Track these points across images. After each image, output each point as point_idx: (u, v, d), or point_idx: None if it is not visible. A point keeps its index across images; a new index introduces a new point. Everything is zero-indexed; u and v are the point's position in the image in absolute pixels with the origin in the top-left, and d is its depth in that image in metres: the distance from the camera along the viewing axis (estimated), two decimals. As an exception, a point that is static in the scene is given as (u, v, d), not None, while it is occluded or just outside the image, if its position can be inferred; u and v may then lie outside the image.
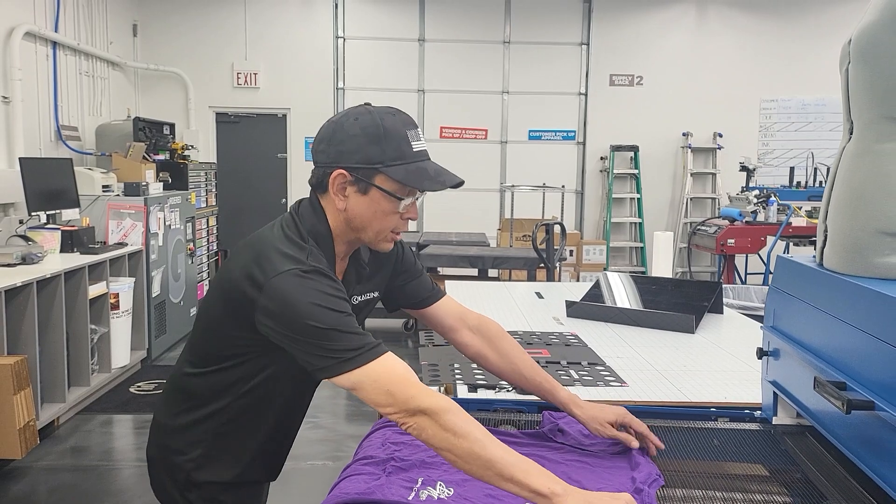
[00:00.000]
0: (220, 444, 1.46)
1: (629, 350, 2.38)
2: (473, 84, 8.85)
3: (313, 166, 1.37)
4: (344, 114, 1.34)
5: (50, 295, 3.99)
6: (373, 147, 1.29)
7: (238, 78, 8.75)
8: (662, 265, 3.38)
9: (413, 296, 1.62)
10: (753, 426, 1.65)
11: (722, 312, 2.97)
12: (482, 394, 1.88)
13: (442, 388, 1.98)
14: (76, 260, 4.34)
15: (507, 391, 1.89)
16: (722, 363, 2.24)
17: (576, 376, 2.04)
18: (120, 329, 4.78)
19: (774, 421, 1.62)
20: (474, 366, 2.12)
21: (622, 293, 2.97)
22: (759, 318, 3.49)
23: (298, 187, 9.01)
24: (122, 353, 4.84)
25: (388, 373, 1.21)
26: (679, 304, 2.82)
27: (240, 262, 1.31)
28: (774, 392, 1.62)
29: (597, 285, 3.07)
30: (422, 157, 1.33)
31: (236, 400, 1.42)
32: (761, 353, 1.65)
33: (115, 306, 4.73)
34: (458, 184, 1.34)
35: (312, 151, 1.37)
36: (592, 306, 2.86)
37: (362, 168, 1.30)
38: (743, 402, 1.85)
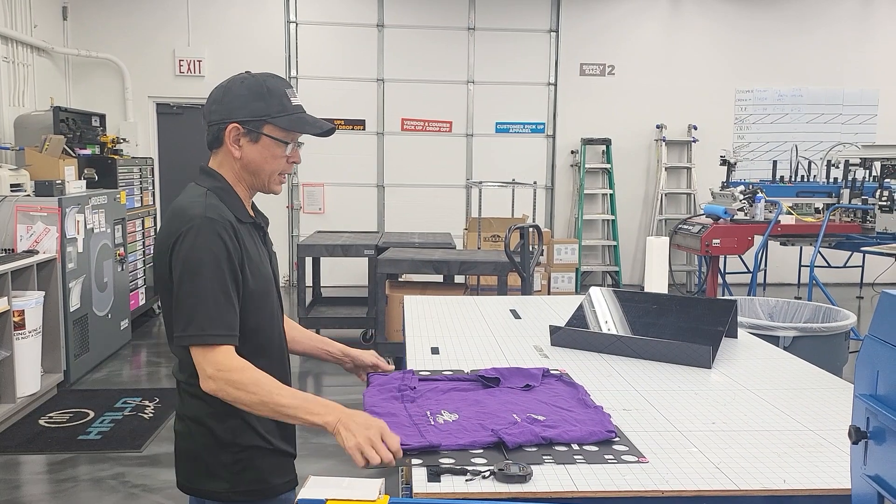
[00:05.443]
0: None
1: (636, 397, 1.85)
2: (437, 73, 8.28)
3: (208, 127, 1.57)
4: (230, 79, 1.57)
5: (-71, 317, 3.34)
6: (258, 103, 1.53)
7: (180, 65, 8.04)
8: (657, 277, 2.87)
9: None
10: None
11: (736, 336, 2.47)
12: (447, 484, 1.33)
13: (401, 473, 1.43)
14: (-34, 273, 3.67)
15: (484, 477, 1.35)
16: (760, 417, 1.72)
17: (575, 447, 1.49)
18: (26, 351, 4.11)
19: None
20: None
21: (617, 315, 2.45)
22: (773, 340, 3.02)
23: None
24: (30, 380, 4.18)
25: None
26: (688, 328, 2.31)
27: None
28: (879, 493, 1.11)
29: (585, 305, 2.54)
30: (300, 110, 1.58)
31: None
32: (858, 436, 1.13)
33: (21, 325, 4.07)
34: (331, 130, 1.59)
35: (206, 113, 1.57)
36: (583, 333, 2.33)
37: (252, 120, 1.53)
38: (813, 489, 1.33)
